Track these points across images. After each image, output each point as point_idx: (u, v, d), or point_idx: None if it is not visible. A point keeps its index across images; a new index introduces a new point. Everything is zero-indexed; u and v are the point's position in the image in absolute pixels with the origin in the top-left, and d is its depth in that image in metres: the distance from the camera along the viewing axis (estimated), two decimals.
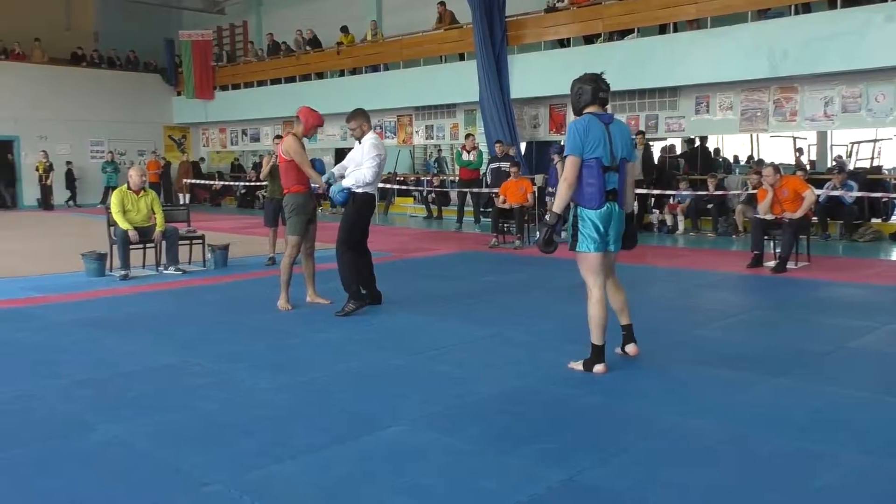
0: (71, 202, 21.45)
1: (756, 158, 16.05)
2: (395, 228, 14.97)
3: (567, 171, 4.25)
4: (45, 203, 20.43)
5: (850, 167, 14.55)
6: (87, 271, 8.41)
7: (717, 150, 16.82)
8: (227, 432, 3.56)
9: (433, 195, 16.85)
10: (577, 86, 4.39)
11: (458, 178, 15.26)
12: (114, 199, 8.45)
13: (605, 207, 4.27)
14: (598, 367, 4.40)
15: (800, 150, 16.86)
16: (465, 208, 14.79)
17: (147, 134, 23.94)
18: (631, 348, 4.66)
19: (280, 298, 6.50)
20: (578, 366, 4.47)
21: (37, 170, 20.49)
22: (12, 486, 3.00)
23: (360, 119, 6.36)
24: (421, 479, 3.01)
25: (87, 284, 7.96)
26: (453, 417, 3.74)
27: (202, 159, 24.36)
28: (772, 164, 9.33)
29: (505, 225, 11.58)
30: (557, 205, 4.37)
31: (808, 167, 15.33)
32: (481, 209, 14.80)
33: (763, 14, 12.03)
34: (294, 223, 6.44)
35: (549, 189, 12.81)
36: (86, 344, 5.34)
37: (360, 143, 6.34)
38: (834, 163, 15.05)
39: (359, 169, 6.22)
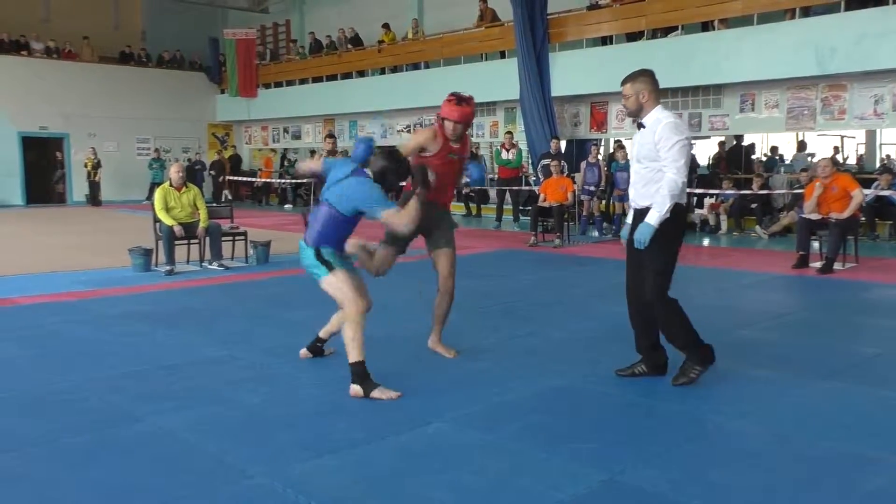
0: None
1: (805, 152, 15.70)
2: None
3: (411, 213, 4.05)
4: (93, 199, 20.88)
5: None
6: (134, 266, 8.59)
7: (773, 149, 16.51)
8: (269, 426, 3.61)
9: (472, 193, 16.82)
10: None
11: (497, 176, 15.24)
12: (157, 196, 8.63)
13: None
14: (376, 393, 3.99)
15: (836, 149, 16.41)
16: (505, 206, 14.75)
17: (191, 131, 24.35)
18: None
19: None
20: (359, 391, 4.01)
21: (85, 166, 20.95)
22: (65, 474, 3.09)
23: (642, 82, 4.05)
24: (461, 476, 3.02)
25: (133, 279, 8.13)
26: (493, 415, 3.75)
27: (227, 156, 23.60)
28: (825, 158, 9.16)
29: (544, 223, 11.55)
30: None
31: (842, 164, 14.94)
32: (520, 207, 14.75)
33: (809, 10, 11.79)
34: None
35: (585, 187, 12.74)
36: (132, 337, 5.46)
37: (640, 124, 4.06)
38: (882, 163, 14.66)
39: (658, 171, 3.94)
